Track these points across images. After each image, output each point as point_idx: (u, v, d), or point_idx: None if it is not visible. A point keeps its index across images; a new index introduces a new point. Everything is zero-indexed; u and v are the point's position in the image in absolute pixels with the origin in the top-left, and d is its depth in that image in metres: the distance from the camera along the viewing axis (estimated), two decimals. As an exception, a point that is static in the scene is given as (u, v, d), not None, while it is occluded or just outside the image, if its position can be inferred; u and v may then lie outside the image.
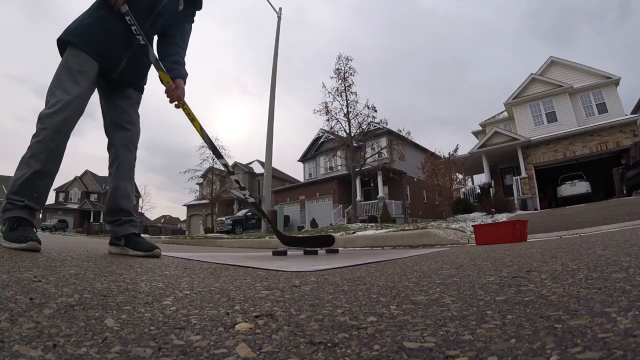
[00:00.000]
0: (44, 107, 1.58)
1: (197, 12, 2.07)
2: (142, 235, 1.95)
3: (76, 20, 1.72)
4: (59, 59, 1.69)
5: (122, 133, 1.86)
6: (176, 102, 1.89)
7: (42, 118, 1.55)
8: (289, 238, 2.71)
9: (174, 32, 1.94)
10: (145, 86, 2.01)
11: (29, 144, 1.54)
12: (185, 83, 1.91)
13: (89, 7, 1.74)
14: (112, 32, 1.69)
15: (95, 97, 1.80)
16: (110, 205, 1.84)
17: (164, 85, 1.86)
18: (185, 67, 1.95)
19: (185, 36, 2.01)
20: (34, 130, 1.55)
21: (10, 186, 1.52)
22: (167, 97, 1.86)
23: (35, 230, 1.58)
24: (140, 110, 1.99)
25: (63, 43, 1.67)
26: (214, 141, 2.21)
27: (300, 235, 2.87)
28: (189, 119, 1.98)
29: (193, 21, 2.07)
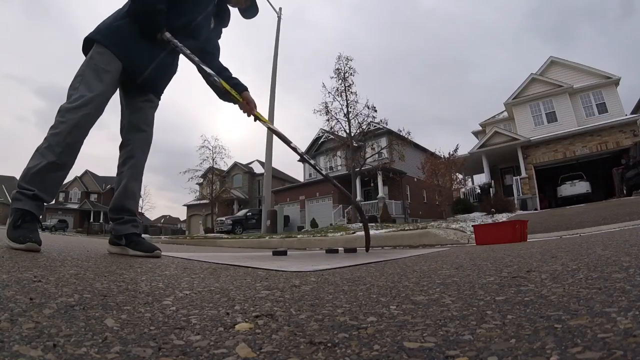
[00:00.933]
0: (65, 100, 1.57)
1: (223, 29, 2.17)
2: (142, 235, 1.95)
3: (105, 21, 1.72)
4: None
5: (139, 134, 1.87)
6: (253, 114, 2.08)
7: (62, 111, 1.54)
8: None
9: (213, 49, 2.08)
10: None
11: (45, 135, 1.53)
12: (249, 92, 2.09)
13: (119, 9, 1.75)
14: (141, 39, 1.70)
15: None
16: (116, 204, 1.85)
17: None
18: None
19: (219, 52, 2.14)
20: (52, 122, 1.53)
21: (23, 175, 1.50)
22: (244, 112, 2.08)
23: (40, 225, 1.57)
24: None
25: (90, 41, 1.67)
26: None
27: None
28: (263, 123, 2.19)
29: (220, 38, 2.17)
